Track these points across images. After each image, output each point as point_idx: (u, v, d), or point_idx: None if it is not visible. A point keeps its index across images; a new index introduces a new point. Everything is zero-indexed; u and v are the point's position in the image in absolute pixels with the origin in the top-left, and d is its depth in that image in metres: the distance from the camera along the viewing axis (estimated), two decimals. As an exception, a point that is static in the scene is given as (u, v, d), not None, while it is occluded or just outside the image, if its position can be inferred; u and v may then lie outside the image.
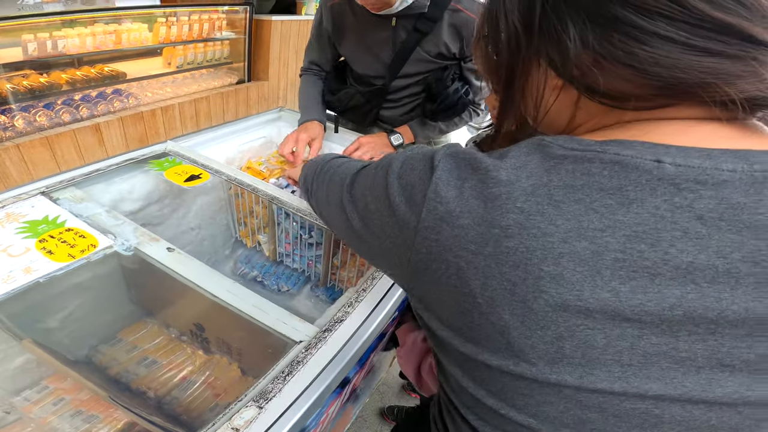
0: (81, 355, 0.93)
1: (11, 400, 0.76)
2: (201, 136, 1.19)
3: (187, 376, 0.96)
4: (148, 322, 1.03)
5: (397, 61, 1.19)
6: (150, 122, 2.18)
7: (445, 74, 1.18)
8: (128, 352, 0.97)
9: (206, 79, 2.78)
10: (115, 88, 2.26)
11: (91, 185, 0.93)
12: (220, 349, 0.98)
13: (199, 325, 0.94)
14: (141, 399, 0.89)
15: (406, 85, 1.25)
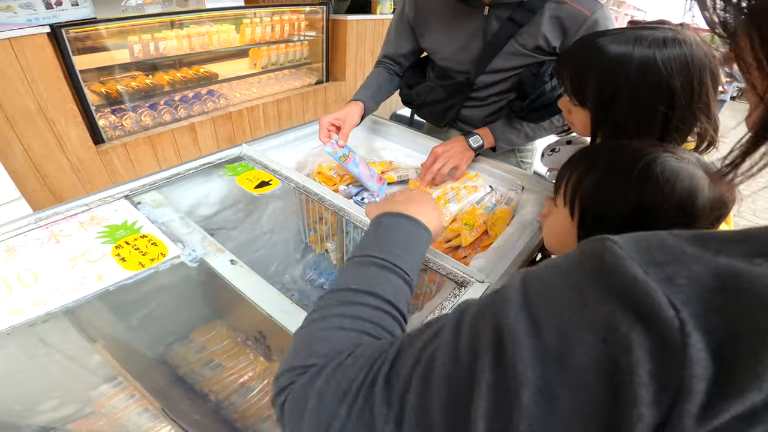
0: (157, 352, 0.95)
1: (90, 394, 0.77)
2: (275, 140, 1.16)
3: (246, 381, 0.95)
4: (218, 324, 1.03)
5: (487, 54, 1.05)
6: (237, 122, 2.25)
7: (542, 69, 1.02)
8: (197, 353, 0.97)
9: (288, 79, 2.84)
10: (209, 89, 2.37)
11: (172, 189, 0.94)
12: (280, 358, 0.95)
13: (261, 333, 0.91)
14: (202, 401, 0.89)
15: (495, 81, 1.10)
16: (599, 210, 0.57)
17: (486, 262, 0.80)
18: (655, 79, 0.64)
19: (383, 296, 0.43)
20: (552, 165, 1.15)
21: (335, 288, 0.46)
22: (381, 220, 0.56)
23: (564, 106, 0.80)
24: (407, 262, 0.48)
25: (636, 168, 0.53)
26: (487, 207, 0.97)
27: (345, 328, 0.39)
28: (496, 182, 1.11)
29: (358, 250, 0.51)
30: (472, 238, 0.89)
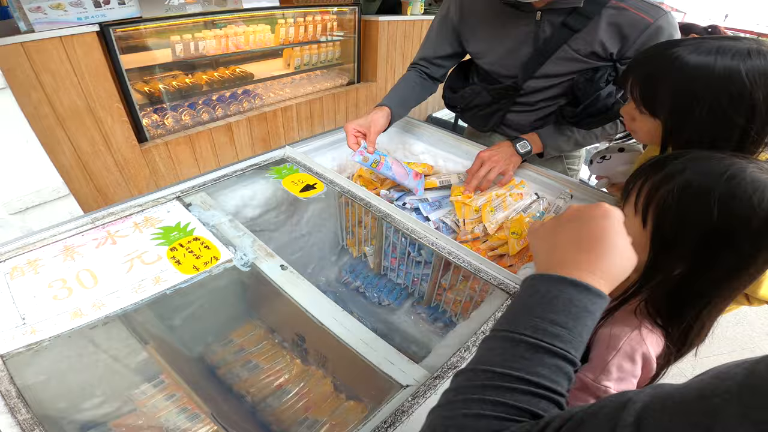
0: (197, 351, 0.96)
1: (131, 393, 0.79)
2: (316, 142, 1.16)
3: (283, 384, 0.95)
4: (256, 325, 1.04)
5: (536, 59, 1.01)
6: (272, 122, 2.27)
7: (597, 75, 0.98)
8: (235, 354, 0.98)
9: (320, 80, 2.85)
10: (245, 88, 2.39)
11: (219, 190, 0.95)
12: (317, 362, 0.95)
13: (301, 336, 0.91)
14: (239, 402, 0.90)
15: (544, 86, 1.06)
16: (678, 222, 0.54)
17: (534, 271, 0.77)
18: (737, 91, 0.60)
19: (534, 381, 0.37)
20: (601, 173, 1.11)
21: (477, 366, 0.40)
22: (536, 286, 0.43)
23: (627, 114, 0.76)
24: (570, 341, 0.39)
25: (721, 179, 0.51)
26: (535, 215, 0.94)
27: (485, 415, 0.37)
28: (542, 189, 1.07)
29: (506, 322, 0.42)
30: (519, 247, 0.87)
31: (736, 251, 0.52)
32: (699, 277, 0.56)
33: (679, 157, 0.57)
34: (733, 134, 0.62)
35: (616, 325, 0.63)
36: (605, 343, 0.62)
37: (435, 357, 0.65)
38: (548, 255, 0.47)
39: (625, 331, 0.61)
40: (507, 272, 0.72)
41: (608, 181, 1.11)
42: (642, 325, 0.61)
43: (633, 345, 0.60)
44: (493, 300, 0.71)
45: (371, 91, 2.99)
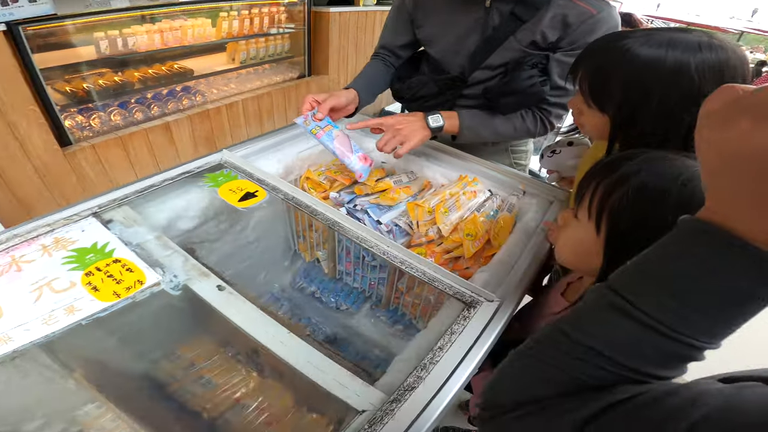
0: (142, 371, 0.87)
1: (74, 414, 0.69)
2: (259, 143, 1.07)
3: (240, 398, 0.88)
4: (205, 340, 0.96)
5: (484, 49, 0.98)
6: (216, 120, 2.13)
7: (526, 59, 0.95)
8: (185, 370, 0.90)
9: (268, 74, 2.72)
10: (184, 85, 2.24)
11: (146, 203, 0.84)
12: (274, 376, 0.89)
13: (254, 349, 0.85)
14: (194, 420, 0.82)
15: (489, 77, 1.02)
16: (632, 227, 0.52)
17: (491, 276, 0.75)
18: (686, 87, 0.59)
19: (633, 367, 0.31)
20: (552, 167, 1.10)
21: (567, 328, 0.34)
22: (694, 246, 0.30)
23: (575, 107, 0.74)
24: (716, 335, 0.29)
25: (676, 183, 0.48)
26: (489, 215, 0.91)
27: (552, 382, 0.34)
28: (494, 186, 1.05)
29: (630, 286, 0.33)
30: (475, 249, 0.84)
31: None
32: None
33: (632, 158, 0.55)
34: (679, 131, 0.61)
35: None
36: None
37: (391, 375, 0.61)
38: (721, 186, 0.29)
39: None
40: (461, 280, 0.68)
41: (558, 175, 1.11)
42: None
43: None
44: (450, 307, 0.68)
45: (323, 84, 2.89)
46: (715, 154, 0.30)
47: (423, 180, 1.08)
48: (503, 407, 0.37)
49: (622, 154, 0.57)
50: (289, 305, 1.17)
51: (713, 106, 0.31)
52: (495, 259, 0.80)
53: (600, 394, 0.31)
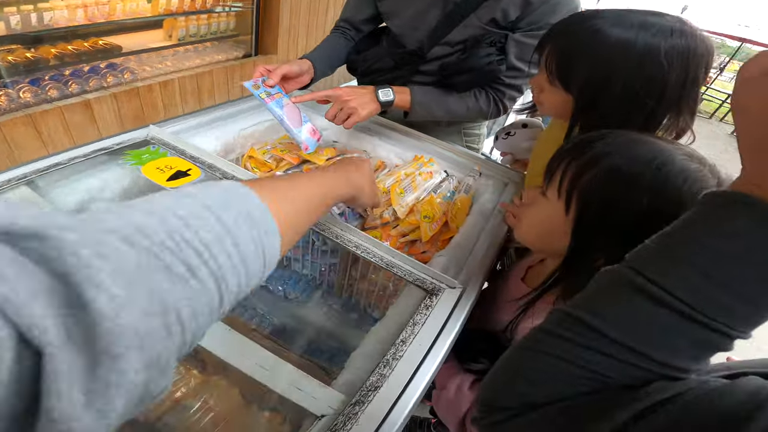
0: None
1: None
2: (194, 119, 0.95)
3: (181, 398, 0.78)
4: None
5: (445, 24, 0.93)
6: (147, 98, 1.92)
7: (484, 36, 0.91)
8: None
9: (210, 52, 2.51)
10: (110, 62, 2.00)
11: (53, 183, 0.71)
12: (218, 372, 0.80)
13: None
14: (129, 425, 0.71)
15: (445, 54, 0.98)
16: (604, 210, 0.50)
17: (449, 261, 0.70)
18: (653, 72, 0.57)
19: (661, 360, 0.27)
20: (506, 149, 1.07)
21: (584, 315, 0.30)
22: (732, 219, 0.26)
23: (537, 84, 0.71)
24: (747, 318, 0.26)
25: (650, 166, 0.47)
26: (446, 196, 0.86)
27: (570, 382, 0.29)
28: (450, 167, 1.00)
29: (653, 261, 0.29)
30: (433, 232, 0.78)
31: None
32: None
33: (605, 137, 0.52)
34: (641, 116, 0.60)
35: (537, 318, 0.58)
36: None
37: (351, 373, 0.54)
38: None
39: None
40: (421, 266, 0.63)
41: (512, 158, 1.08)
42: None
43: None
44: (410, 294, 0.62)
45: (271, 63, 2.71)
46: (756, 122, 0.26)
47: (377, 160, 1.01)
48: (509, 410, 0.32)
49: (595, 133, 0.55)
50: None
51: (752, 73, 0.27)
52: (453, 243, 0.75)
53: (633, 394, 0.27)
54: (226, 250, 0.28)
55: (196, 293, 0.26)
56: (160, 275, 0.24)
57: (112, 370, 0.20)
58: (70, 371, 0.18)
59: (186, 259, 0.26)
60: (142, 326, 0.21)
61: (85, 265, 0.20)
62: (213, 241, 0.27)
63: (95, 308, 0.19)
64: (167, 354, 0.24)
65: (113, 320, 0.20)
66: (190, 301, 0.25)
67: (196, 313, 0.26)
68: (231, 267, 0.28)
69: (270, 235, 0.33)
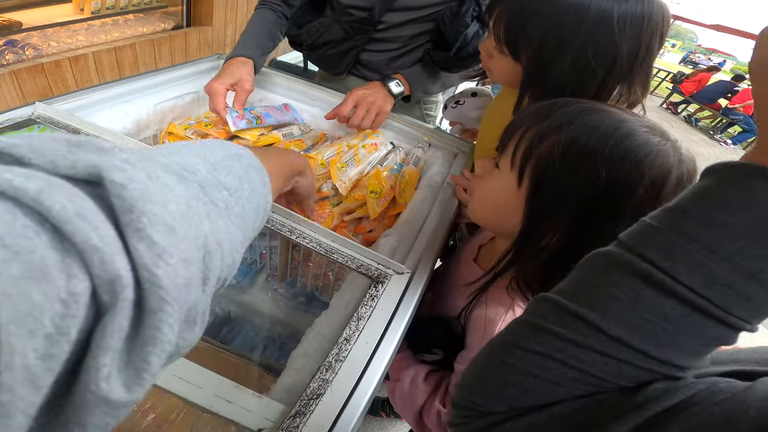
0: None
1: None
2: (96, 94, 0.79)
3: None
4: None
5: None
6: (55, 75, 1.67)
7: (463, 9, 0.83)
8: None
9: (133, 25, 2.21)
10: (9, 38, 1.70)
11: None
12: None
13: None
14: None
15: (405, 20, 0.89)
16: (560, 182, 0.45)
17: (398, 241, 0.62)
18: (604, 39, 0.52)
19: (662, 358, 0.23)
20: (455, 119, 1.00)
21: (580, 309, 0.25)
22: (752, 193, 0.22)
23: (485, 50, 0.64)
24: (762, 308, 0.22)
25: (612, 138, 0.43)
26: (393, 168, 0.78)
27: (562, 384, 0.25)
28: (397, 138, 0.92)
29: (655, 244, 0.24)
30: (381, 208, 0.70)
31: (617, 222, 0.44)
32: (572, 249, 0.47)
33: (565, 105, 0.47)
34: (591, 85, 0.55)
35: (491, 305, 0.53)
36: (481, 329, 0.52)
37: (291, 376, 0.47)
38: None
39: (499, 313, 0.52)
40: (365, 251, 0.55)
41: (461, 127, 1.02)
42: (515, 303, 0.52)
43: None
44: (355, 281, 0.54)
45: (205, 36, 2.46)
46: None
47: (318, 132, 0.91)
48: (494, 415, 0.29)
49: (554, 101, 0.49)
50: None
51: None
52: (401, 220, 0.68)
53: (631, 400, 0.23)
54: (245, 195, 0.30)
55: (232, 229, 0.27)
56: (205, 210, 0.24)
57: (151, 327, 0.19)
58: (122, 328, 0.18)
59: (224, 197, 0.27)
60: (181, 276, 0.20)
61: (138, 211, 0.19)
62: (237, 185, 0.29)
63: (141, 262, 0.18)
64: (202, 305, 0.23)
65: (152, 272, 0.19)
66: (229, 236, 0.26)
67: (234, 248, 0.27)
68: (252, 210, 0.31)
69: (268, 189, 0.35)
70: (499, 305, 0.52)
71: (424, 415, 0.58)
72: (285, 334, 0.98)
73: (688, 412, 0.22)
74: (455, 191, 0.73)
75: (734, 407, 0.21)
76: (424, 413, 0.58)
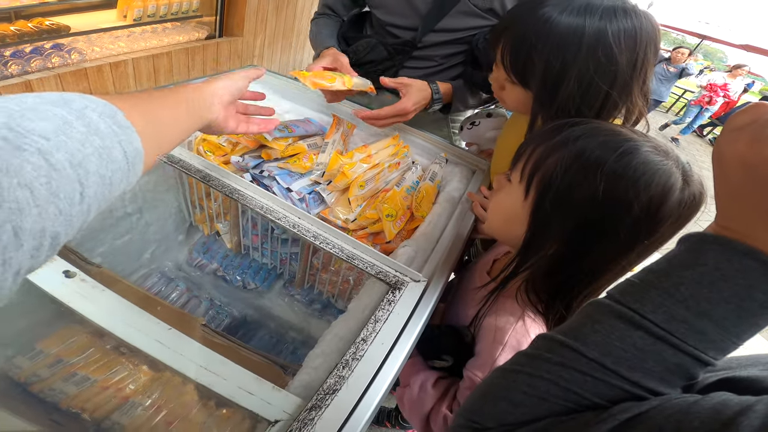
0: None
1: None
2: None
3: (129, 395, 0.72)
4: (75, 330, 0.74)
5: (436, 11, 0.88)
6: (96, 80, 1.75)
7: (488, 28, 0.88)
8: (51, 367, 0.70)
9: (170, 33, 2.31)
10: (55, 42, 1.80)
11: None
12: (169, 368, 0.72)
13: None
14: (74, 421, 0.66)
15: (443, 41, 0.93)
16: (561, 195, 0.47)
17: (415, 252, 0.65)
18: (605, 56, 0.54)
19: (633, 380, 0.28)
20: (471, 139, 1.03)
21: (567, 339, 0.31)
22: (701, 253, 0.28)
23: (497, 82, 0.67)
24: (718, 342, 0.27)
25: (613, 154, 0.45)
26: (410, 187, 0.81)
27: (548, 400, 0.30)
28: (415, 152, 0.95)
29: (631, 292, 0.30)
30: (397, 230, 0.73)
31: (613, 237, 0.46)
32: (572, 262, 0.49)
33: (578, 124, 0.49)
34: (596, 102, 0.57)
35: (501, 314, 0.55)
36: (491, 337, 0.54)
37: (308, 374, 0.49)
38: (741, 202, 0.28)
39: (510, 323, 0.53)
40: (384, 258, 0.58)
41: (478, 148, 1.04)
42: (525, 314, 0.54)
43: (518, 338, 0.53)
44: (372, 287, 0.57)
45: (236, 46, 2.55)
46: (739, 170, 0.27)
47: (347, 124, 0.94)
48: (487, 430, 0.33)
49: (566, 121, 0.52)
50: (186, 285, 0.98)
51: (744, 120, 0.28)
52: (419, 232, 0.70)
53: (600, 415, 0.27)
54: (78, 138, 0.28)
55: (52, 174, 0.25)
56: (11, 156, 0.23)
57: None
58: None
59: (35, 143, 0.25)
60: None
61: None
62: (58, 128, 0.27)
63: None
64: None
65: None
66: (47, 179, 0.25)
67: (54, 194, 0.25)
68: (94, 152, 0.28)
69: (125, 129, 0.32)
70: (510, 315, 0.54)
71: (431, 420, 0.59)
72: (298, 339, 1.00)
73: (643, 425, 0.25)
74: (472, 207, 0.75)
75: (681, 419, 0.24)
76: (432, 418, 0.59)
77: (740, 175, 0.27)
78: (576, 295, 0.52)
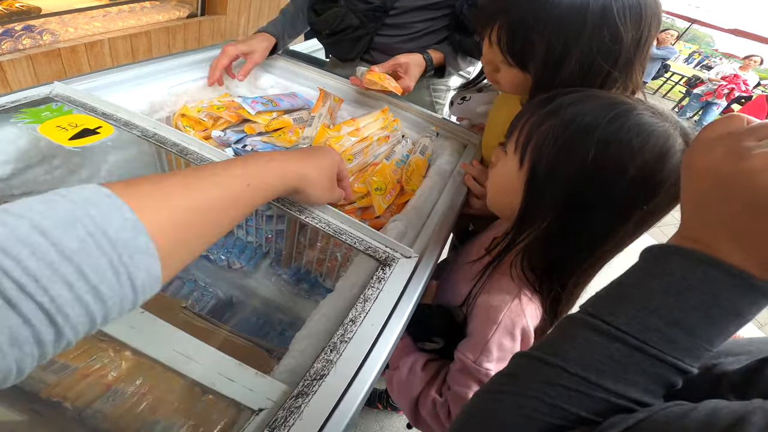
0: None
1: None
2: (112, 76, 0.79)
3: (111, 383, 0.69)
4: None
5: None
6: (70, 60, 1.67)
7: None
8: None
9: (149, 12, 2.20)
10: (26, 24, 1.70)
11: None
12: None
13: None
14: (55, 410, 0.62)
15: (418, 6, 0.89)
16: (553, 162, 0.45)
17: (406, 226, 0.61)
18: (608, 34, 0.51)
19: (616, 391, 0.28)
20: (462, 114, 0.99)
21: (547, 356, 0.30)
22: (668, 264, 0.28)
23: (490, 64, 0.63)
24: (692, 350, 0.27)
25: (604, 118, 0.42)
26: (399, 161, 0.77)
27: (536, 419, 0.29)
28: (405, 127, 0.91)
29: (604, 305, 0.30)
30: (387, 203, 0.69)
31: (608, 203, 0.44)
32: (568, 233, 0.47)
33: (571, 92, 0.47)
34: (596, 80, 0.54)
35: (495, 293, 0.53)
36: (485, 316, 0.52)
37: (294, 358, 0.46)
38: (707, 212, 0.28)
39: (505, 301, 0.51)
40: (373, 233, 0.54)
41: (469, 123, 1.01)
42: (521, 292, 0.52)
43: (513, 318, 0.51)
44: (361, 264, 0.53)
45: (219, 25, 2.45)
46: (709, 180, 0.27)
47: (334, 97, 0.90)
48: None
49: (560, 89, 0.49)
50: (180, 272, 0.94)
51: (719, 131, 0.28)
52: (409, 206, 0.67)
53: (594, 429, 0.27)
54: (66, 280, 0.25)
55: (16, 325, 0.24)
56: None
57: None
58: None
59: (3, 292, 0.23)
60: None
61: None
62: (43, 269, 0.24)
63: None
64: None
65: None
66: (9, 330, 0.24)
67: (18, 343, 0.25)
68: (73, 299, 0.25)
69: (141, 256, 0.28)
70: (506, 293, 0.52)
71: (420, 404, 0.57)
72: (286, 320, 0.98)
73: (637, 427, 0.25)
74: (465, 179, 0.72)
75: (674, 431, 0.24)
76: (420, 402, 0.57)
77: (709, 185, 0.27)
78: (572, 272, 0.50)
